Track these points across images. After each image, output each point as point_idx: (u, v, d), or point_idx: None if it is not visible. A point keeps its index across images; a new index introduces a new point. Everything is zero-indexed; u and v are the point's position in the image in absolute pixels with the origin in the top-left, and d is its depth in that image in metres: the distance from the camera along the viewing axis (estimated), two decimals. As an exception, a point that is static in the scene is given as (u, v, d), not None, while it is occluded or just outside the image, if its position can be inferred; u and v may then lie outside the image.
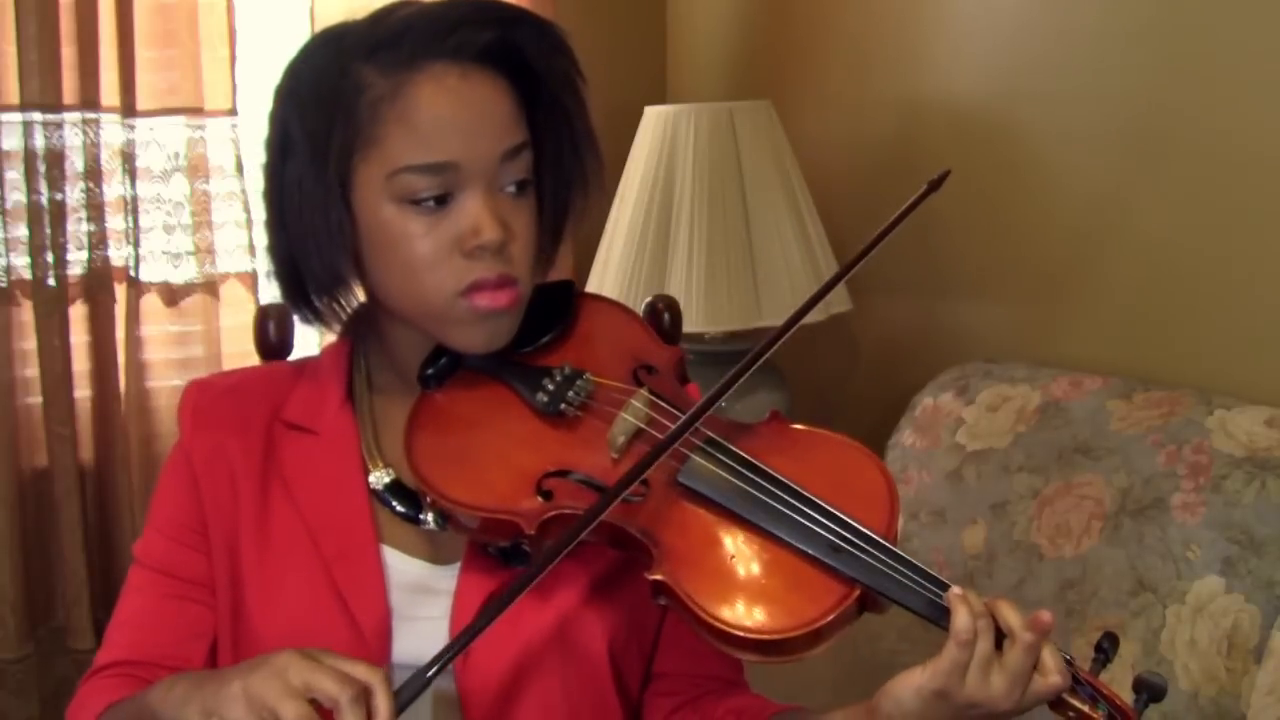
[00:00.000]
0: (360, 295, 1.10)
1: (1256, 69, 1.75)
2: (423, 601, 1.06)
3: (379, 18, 1.03)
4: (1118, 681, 1.62)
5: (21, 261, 2.16)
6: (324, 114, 1.01)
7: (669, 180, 2.20)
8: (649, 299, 1.46)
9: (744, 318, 2.17)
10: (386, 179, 1.00)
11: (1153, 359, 1.91)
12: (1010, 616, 0.91)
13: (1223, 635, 1.56)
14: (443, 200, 1.01)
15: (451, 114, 1.00)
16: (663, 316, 1.44)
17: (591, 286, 2.31)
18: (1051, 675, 0.91)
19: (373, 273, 1.05)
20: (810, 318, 2.15)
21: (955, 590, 0.92)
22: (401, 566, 1.07)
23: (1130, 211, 1.94)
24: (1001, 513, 1.85)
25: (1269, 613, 1.53)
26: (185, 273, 2.30)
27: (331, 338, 1.17)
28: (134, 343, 2.26)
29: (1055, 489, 1.80)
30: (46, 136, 2.15)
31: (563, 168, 1.09)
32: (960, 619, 0.90)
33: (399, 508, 1.08)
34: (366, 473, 1.09)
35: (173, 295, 2.30)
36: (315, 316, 1.10)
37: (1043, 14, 2.05)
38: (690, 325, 1.98)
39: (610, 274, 2.26)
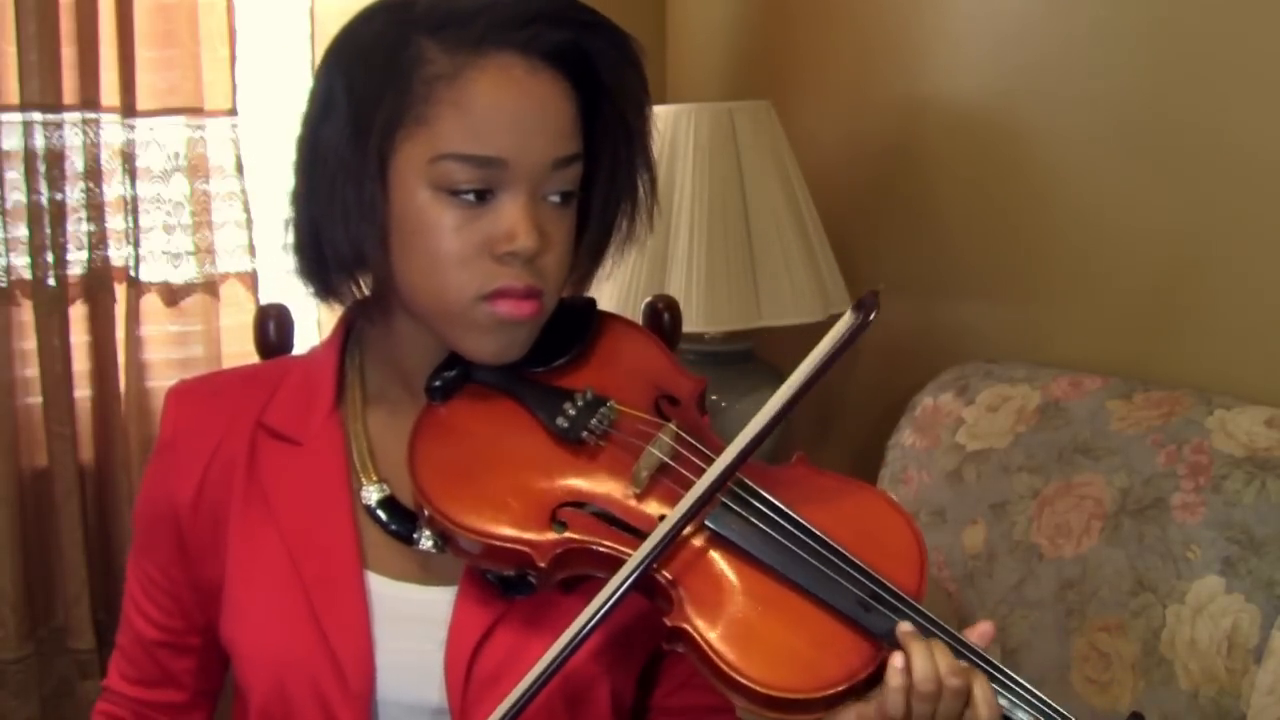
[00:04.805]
0: (366, 287, 1.03)
1: (1257, 69, 1.75)
2: (410, 632, 1.00)
3: None
4: (1119, 681, 1.62)
5: (21, 261, 2.17)
6: (375, 80, 0.95)
7: (669, 180, 2.20)
8: (649, 299, 1.46)
9: (744, 318, 2.17)
10: (429, 162, 0.94)
11: (1153, 359, 1.90)
12: (940, 663, 0.88)
13: (1223, 635, 1.55)
14: (482, 196, 0.95)
15: (510, 108, 0.94)
16: (663, 316, 1.43)
17: (591, 287, 2.30)
18: (980, 707, 0.88)
19: (395, 258, 0.98)
20: (810, 318, 2.17)
21: (905, 627, 0.90)
22: (387, 593, 1.01)
23: (1130, 211, 1.93)
24: (1001, 513, 1.85)
25: (1269, 613, 1.53)
26: (185, 273, 2.30)
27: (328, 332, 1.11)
28: (134, 343, 2.26)
29: (1055, 489, 1.80)
30: (46, 136, 2.16)
31: (615, 187, 1.04)
32: (895, 663, 0.88)
33: (392, 526, 1.01)
34: (353, 489, 1.03)
35: (173, 295, 2.30)
36: (327, 291, 1.03)
37: (1043, 14, 2.04)
38: (690, 325, 1.98)
39: (610, 274, 2.26)
